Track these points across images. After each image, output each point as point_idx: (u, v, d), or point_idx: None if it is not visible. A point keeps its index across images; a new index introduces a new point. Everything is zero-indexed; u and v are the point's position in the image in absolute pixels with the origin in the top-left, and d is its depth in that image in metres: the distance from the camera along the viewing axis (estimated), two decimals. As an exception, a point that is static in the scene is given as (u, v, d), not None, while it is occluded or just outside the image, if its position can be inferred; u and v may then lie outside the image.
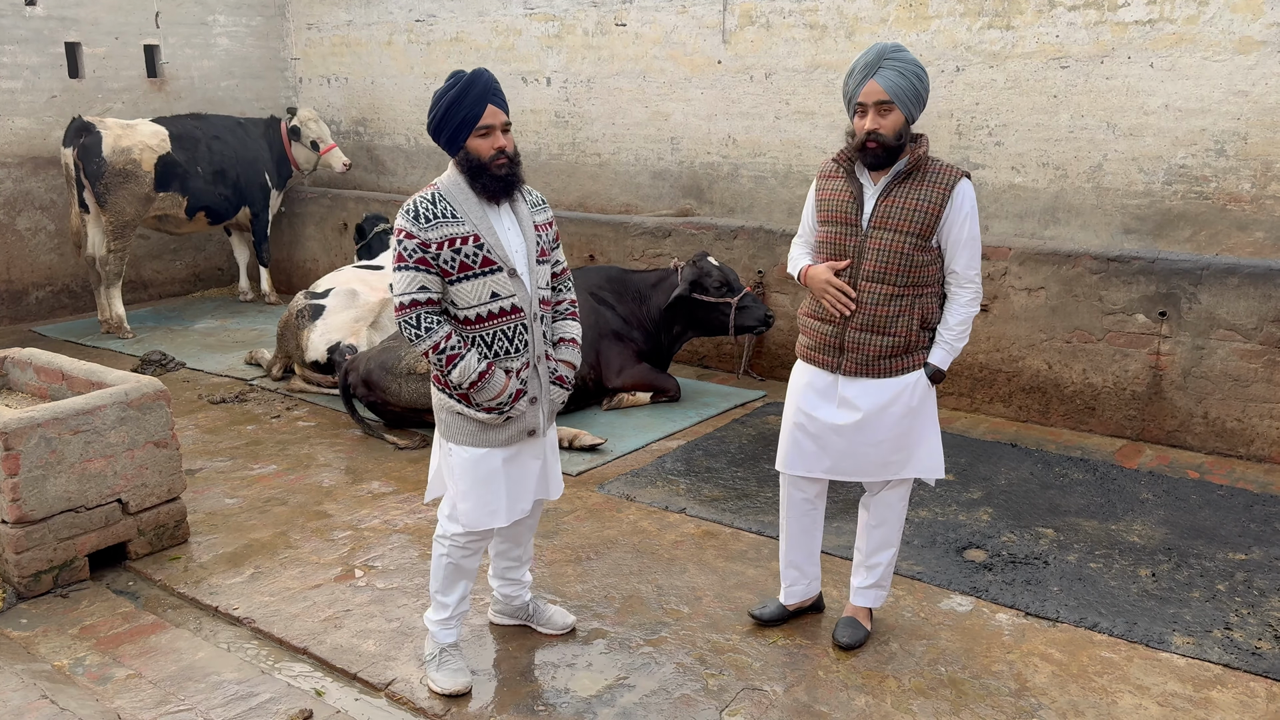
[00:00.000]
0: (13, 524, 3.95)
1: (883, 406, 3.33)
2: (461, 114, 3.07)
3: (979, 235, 3.25)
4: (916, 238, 3.20)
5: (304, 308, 6.68)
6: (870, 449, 3.37)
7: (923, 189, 3.20)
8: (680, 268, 6.36)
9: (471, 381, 3.12)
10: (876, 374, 3.32)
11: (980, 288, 3.30)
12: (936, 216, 3.19)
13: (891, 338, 3.28)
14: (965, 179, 3.22)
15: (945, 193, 3.19)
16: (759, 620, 3.75)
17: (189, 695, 3.36)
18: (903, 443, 3.37)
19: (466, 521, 3.27)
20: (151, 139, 8.09)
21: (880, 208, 3.24)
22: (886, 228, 3.23)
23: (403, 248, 3.09)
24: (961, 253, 3.23)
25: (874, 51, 3.17)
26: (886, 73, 3.13)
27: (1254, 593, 3.93)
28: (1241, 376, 5.31)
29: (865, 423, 3.34)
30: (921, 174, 3.22)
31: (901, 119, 3.16)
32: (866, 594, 3.63)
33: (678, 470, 5.24)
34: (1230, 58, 5.39)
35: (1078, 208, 6.01)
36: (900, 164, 3.22)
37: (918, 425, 3.37)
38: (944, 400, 6.24)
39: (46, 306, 8.86)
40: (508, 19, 8.37)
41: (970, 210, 3.21)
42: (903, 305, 3.26)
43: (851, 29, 6.60)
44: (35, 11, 8.39)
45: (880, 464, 3.40)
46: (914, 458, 3.40)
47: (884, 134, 3.16)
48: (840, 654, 3.56)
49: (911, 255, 3.21)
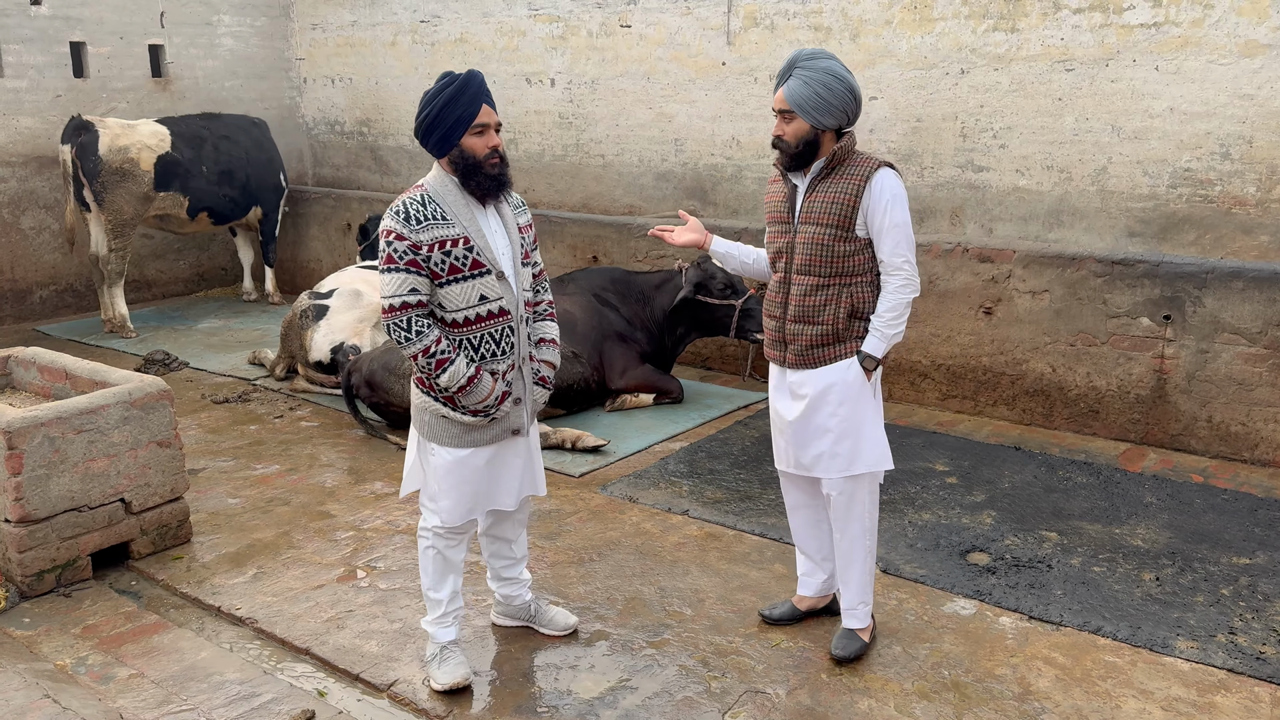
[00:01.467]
0: (16, 523, 3.95)
1: (820, 394, 3.39)
2: (457, 112, 3.09)
3: (905, 222, 3.29)
4: (835, 229, 3.30)
5: (308, 308, 6.68)
6: (816, 439, 3.43)
7: (841, 182, 3.30)
8: (685, 269, 6.36)
9: (460, 386, 3.14)
10: (812, 363, 3.40)
11: (911, 275, 3.32)
12: (853, 207, 3.28)
13: (820, 326, 3.37)
14: (885, 168, 3.29)
15: (861, 183, 3.27)
16: (768, 620, 3.75)
17: (191, 695, 3.35)
18: (845, 432, 3.39)
19: (447, 519, 3.30)
20: (151, 139, 8.09)
21: (805, 204, 3.37)
22: (810, 222, 3.35)
23: (393, 249, 3.08)
24: (885, 240, 3.29)
25: (790, 58, 3.29)
26: (792, 81, 3.25)
27: (1258, 597, 3.92)
28: (1246, 380, 5.30)
29: (808, 413, 3.42)
30: (842, 169, 3.32)
31: (805, 126, 3.26)
32: (855, 613, 3.57)
33: (680, 472, 5.23)
34: (1235, 61, 5.38)
35: (1082, 210, 6.00)
36: (820, 163, 3.33)
37: (857, 414, 3.39)
38: (947, 403, 6.24)
39: (50, 306, 8.87)
40: (512, 20, 8.37)
41: (891, 198, 3.25)
42: (829, 295, 3.35)
43: (856, 31, 6.60)
44: (40, 11, 8.41)
45: (828, 456, 3.42)
46: (860, 452, 3.41)
47: (785, 140, 3.31)
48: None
49: (832, 246, 3.31)
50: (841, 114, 3.26)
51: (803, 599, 3.79)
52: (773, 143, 3.36)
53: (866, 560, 3.53)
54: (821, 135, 3.29)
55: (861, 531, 3.50)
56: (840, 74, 3.24)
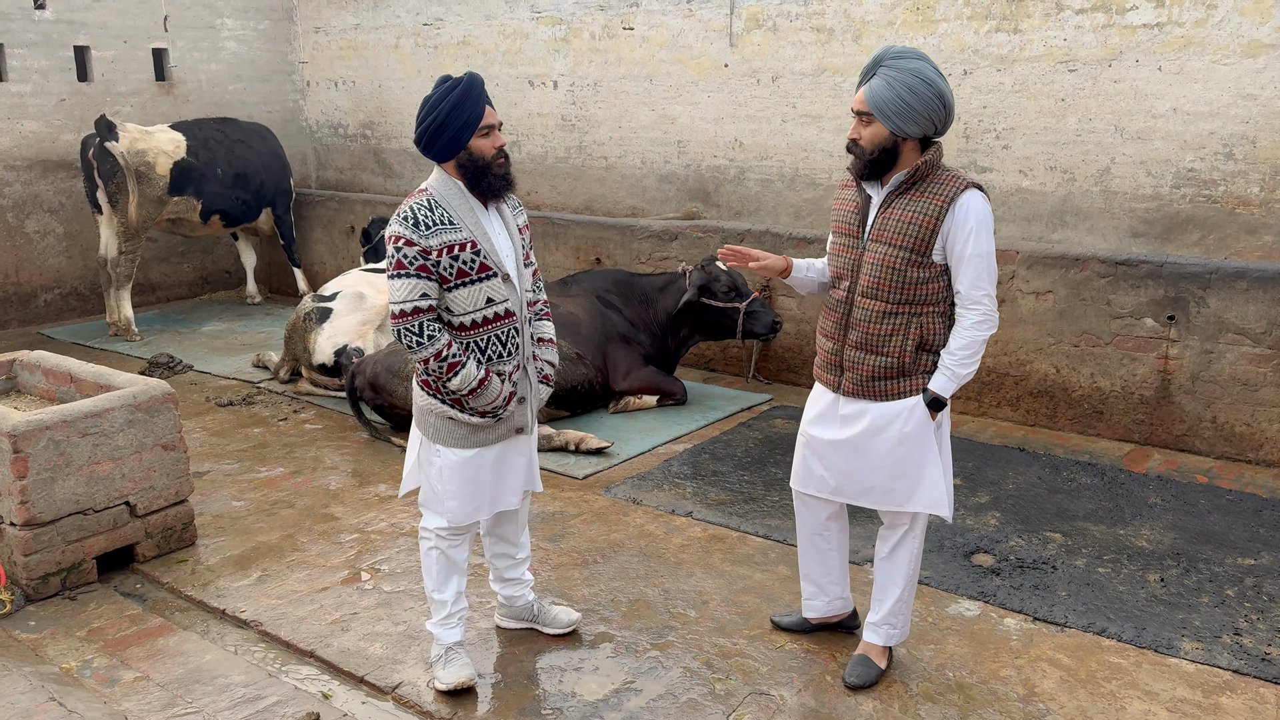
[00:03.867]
0: (21, 526, 3.96)
1: (878, 430, 3.16)
2: (464, 115, 3.09)
3: (989, 252, 2.99)
4: (910, 252, 3.02)
5: (311, 310, 6.69)
6: (869, 474, 3.21)
7: (921, 201, 3.01)
8: (688, 272, 6.36)
9: (471, 389, 3.14)
10: (872, 396, 3.15)
11: (990, 310, 3.03)
12: (932, 230, 2.99)
13: (885, 358, 3.11)
14: (973, 190, 3.00)
15: (944, 205, 2.98)
16: (778, 626, 3.72)
17: (196, 698, 3.36)
18: (901, 470, 3.16)
19: (453, 519, 3.31)
20: (168, 145, 8.18)
21: (879, 220, 3.09)
22: (881, 241, 3.07)
23: (402, 255, 3.07)
24: (966, 270, 2.99)
25: (876, 54, 3.02)
26: (874, 81, 2.98)
27: (1263, 598, 3.91)
28: (1250, 381, 5.29)
29: (861, 446, 3.19)
30: (925, 185, 3.03)
31: (884, 132, 2.98)
32: (878, 630, 3.41)
33: (684, 474, 5.23)
34: (1239, 61, 5.37)
35: (1085, 211, 5.99)
36: (900, 175, 3.04)
37: (916, 454, 3.15)
38: (951, 404, 6.22)
39: (54, 309, 8.89)
40: (515, 22, 8.38)
41: (977, 224, 2.96)
42: (897, 324, 3.09)
43: (859, 32, 6.60)
44: (45, 15, 8.43)
45: (883, 491, 3.21)
46: (918, 490, 3.18)
47: (861, 145, 3.04)
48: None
49: (904, 271, 3.03)
50: (927, 122, 2.96)
51: (811, 619, 3.70)
52: (847, 146, 3.06)
53: (907, 590, 3.35)
54: (902, 144, 2.99)
55: (908, 561, 3.33)
56: (930, 77, 2.94)
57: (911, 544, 3.33)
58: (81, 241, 8.90)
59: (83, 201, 8.68)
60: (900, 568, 3.35)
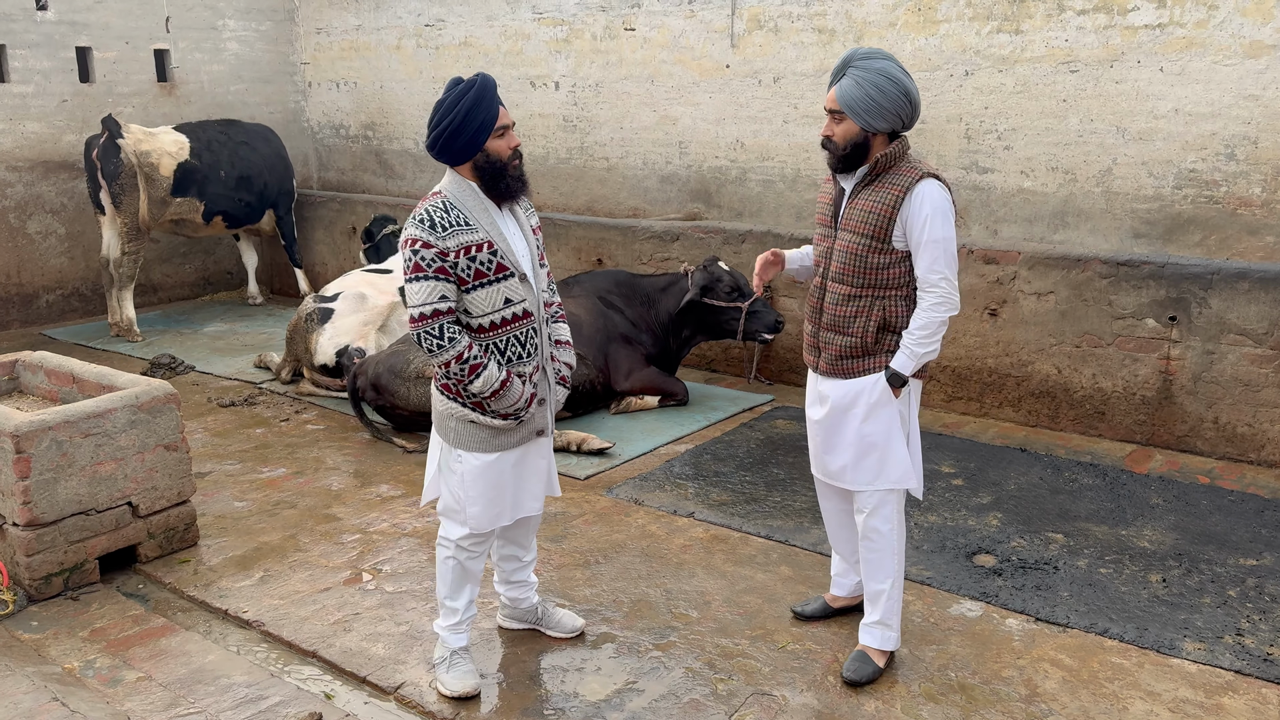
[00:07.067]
0: (24, 527, 3.96)
1: (845, 407, 3.33)
2: (481, 116, 3.07)
3: (946, 238, 3.14)
4: (870, 239, 3.20)
5: (313, 311, 6.69)
6: (840, 451, 3.37)
7: (881, 191, 3.19)
8: (690, 272, 6.36)
9: (493, 390, 3.12)
10: (840, 374, 3.34)
11: (949, 292, 3.18)
12: (889, 218, 3.16)
13: (850, 338, 3.29)
14: (928, 180, 3.15)
15: (901, 194, 3.15)
16: (800, 616, 3.78)
17: (199, 698, 3.36)
18: (868, 447, 3.31)
19: (475, 525, 3.28)
20: (171, 146, 8.20)
21: (847, 210, 3.29)
22: (847, 229, 3.27)
23: (420, 258, 3.04)
24: (923, 255, 3.16)
25: (844, 56, 3.19)
26: (844, 81, 3.16)
27: (1265, 598, 3.91)
28: (1252, 381, 5.29)
29: (832, 423, 3.37)
30: (887, 176, 3.20)
31: (855, 128, 3.15)
32: (872, 631, 3.46)
33: (686, 474, 5.23)
34: (1240, 62, 5.37)
35: (1087, 212, 5.99)
36: (864, 168, 3.23)
37: (881, 430, 3.30)
38: (953, 404, 6.24)
39: (57, 310, 8.90)
40: (516, 23, 8.39)
41: (932, 211, 3.12)
42: (860, 306, 3.27)
43: (860, 33, 6.60)
44: (46, 16, 8.44)
45: (851, 468, 3.36)
46: (886, 467, 3.32)
47: (834, 141, 3.22)
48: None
49: (866, 256, 3.22)
50: (894, 117, 3.14)
51: (836, 598, 3.80)
52: (822, 143, 3.26)
53: (891, 583, 3.41)
54: (872, 138, 3.18)
55: (887, 549, 3.39)
56: (895, 75, 3.12)
57: (889, 534, 3.38)
58: (83, 242, 8.91)
59: (85, 202, 8.70)
60: (883, 561, 3.41)
